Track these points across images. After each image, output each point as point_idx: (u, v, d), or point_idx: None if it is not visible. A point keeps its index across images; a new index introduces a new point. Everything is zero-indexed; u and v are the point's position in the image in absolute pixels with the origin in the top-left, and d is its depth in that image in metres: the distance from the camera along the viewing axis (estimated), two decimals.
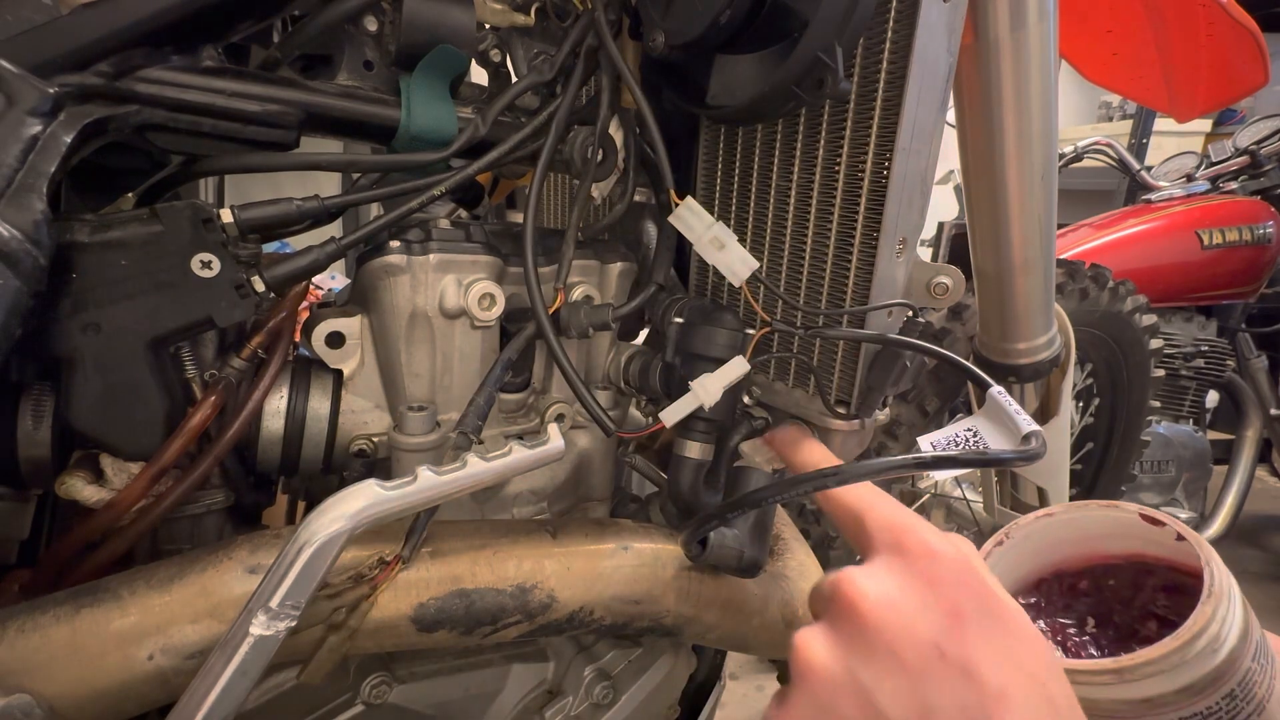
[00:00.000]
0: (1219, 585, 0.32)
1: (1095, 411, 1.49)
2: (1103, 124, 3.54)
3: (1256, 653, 0.32)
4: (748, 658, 1.68)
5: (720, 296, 0.64)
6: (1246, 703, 0.31)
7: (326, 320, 0.54)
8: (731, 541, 0.50)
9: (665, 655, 0.63)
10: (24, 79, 0.38)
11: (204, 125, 0.46)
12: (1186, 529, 0.36)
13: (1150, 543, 0.38)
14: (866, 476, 0.37)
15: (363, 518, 0.40)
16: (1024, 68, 0.57)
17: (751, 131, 0.57)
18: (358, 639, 0.45)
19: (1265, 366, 2.01)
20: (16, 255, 0.35)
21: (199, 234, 0.44)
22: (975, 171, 0.65)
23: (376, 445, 0.56)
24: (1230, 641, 0.31)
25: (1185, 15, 0.89)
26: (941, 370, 1.14)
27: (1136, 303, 1.37)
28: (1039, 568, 0.44)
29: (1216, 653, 0.30)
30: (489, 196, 0.83)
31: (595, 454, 0.65)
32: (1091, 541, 0.41)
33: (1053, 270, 0.73)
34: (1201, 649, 0.30)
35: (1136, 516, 0.37)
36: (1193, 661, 0.30)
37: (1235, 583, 0.33)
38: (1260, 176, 1.93)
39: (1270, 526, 2.48)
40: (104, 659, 0.40)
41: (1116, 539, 0.40)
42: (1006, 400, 0.42)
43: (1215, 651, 0.30)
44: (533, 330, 0.54)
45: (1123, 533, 0.39)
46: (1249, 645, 0.31)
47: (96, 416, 0.45)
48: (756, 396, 0.62)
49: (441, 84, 0.53)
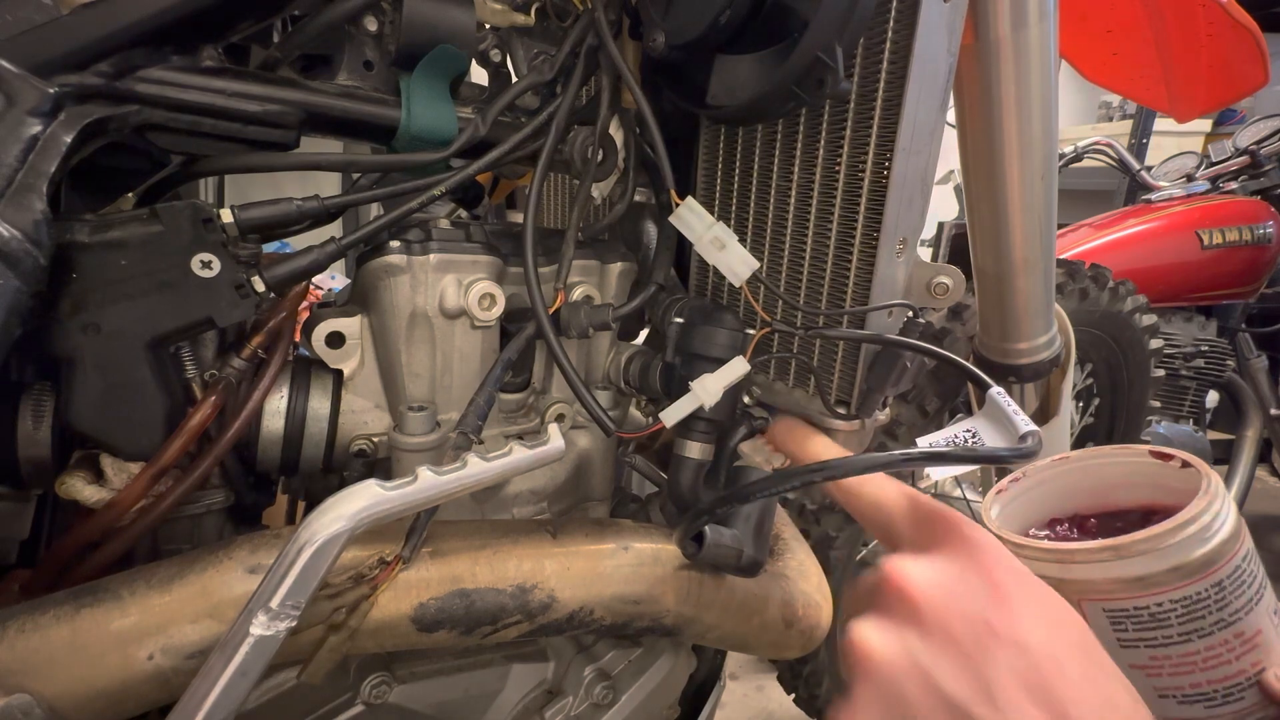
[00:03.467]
0: (1215, 488, 0.35)
1: (1095, 411, 1.48)
2: (1103, 124, 3.53)
3: (1248, 556, 0.35)
4: (748, 658, 1.68)
5: (720, 296, 0.64)
6: (1236, 596, 0.34)
7: (326, 320, 0.54)
8: (731, 541, 0.50)
9: (665, 655, 0.63)
10: (24, 79, 0.38)
11: (204, 125, 0.46)
12: (1191, 457, 0.38)
13: (1159, 489, 0.40)
14: (857, 471, 0.37)
15: (363, 518, 0.40)
16: (1024, 68, 0.57)
17: (751, 131, 0.57)
18: (358, 639, 0.45)
19: (1265, 366, 2.01)
20: (16, 255, 0.35)
21: (199, 234, 0.44)
22: (975, 171, 0.65)
23: (376, 445, 0.56)
24: (1221, 534, 0.33)
25: (1185, 15, 0.89)
26: (941, 371, 1.14)
27: (1136, 303, 1.37)
28: (1051, 512, 0.45)
29: (1207, 541, 0.33)
30: (489, 196, 0.84)
31: (595, 454, 0.65)
32: (1104, 491, 0.43)
33: (1053, 270, 0.73)
34: (1193, 534, 0.33)
35: (1146, 454, 0.40)
36: (1184, 543, 0.33)
37: (1234, 503, 0.35)
38: (1260, 176, 1.93)
39: (1270, 526, 2.48)
40: (104, 659, 0.40)
41: (1128, 488, 0.42)
42: (1005, 401, 0.42)
43: (1206, 540, 0.33)
44: (533, 330, 0.54)
45: (1134, 480, 0.41)
46: (1240, 544, 0.34)
47: (96, 416, 0.45)
48: (756, 396, 0.62)
49: (441, 84, 0.53)
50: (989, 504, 0.44)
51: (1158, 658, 0.36)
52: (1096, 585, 0.36)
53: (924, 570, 0.33)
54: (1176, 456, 0.39)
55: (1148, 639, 0.36)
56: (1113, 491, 0.42)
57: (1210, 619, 0.35)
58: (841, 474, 0.37)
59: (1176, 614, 0.35)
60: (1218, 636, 0.35)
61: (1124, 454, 0.41)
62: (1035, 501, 0.45)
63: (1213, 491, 0.35)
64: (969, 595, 0.31)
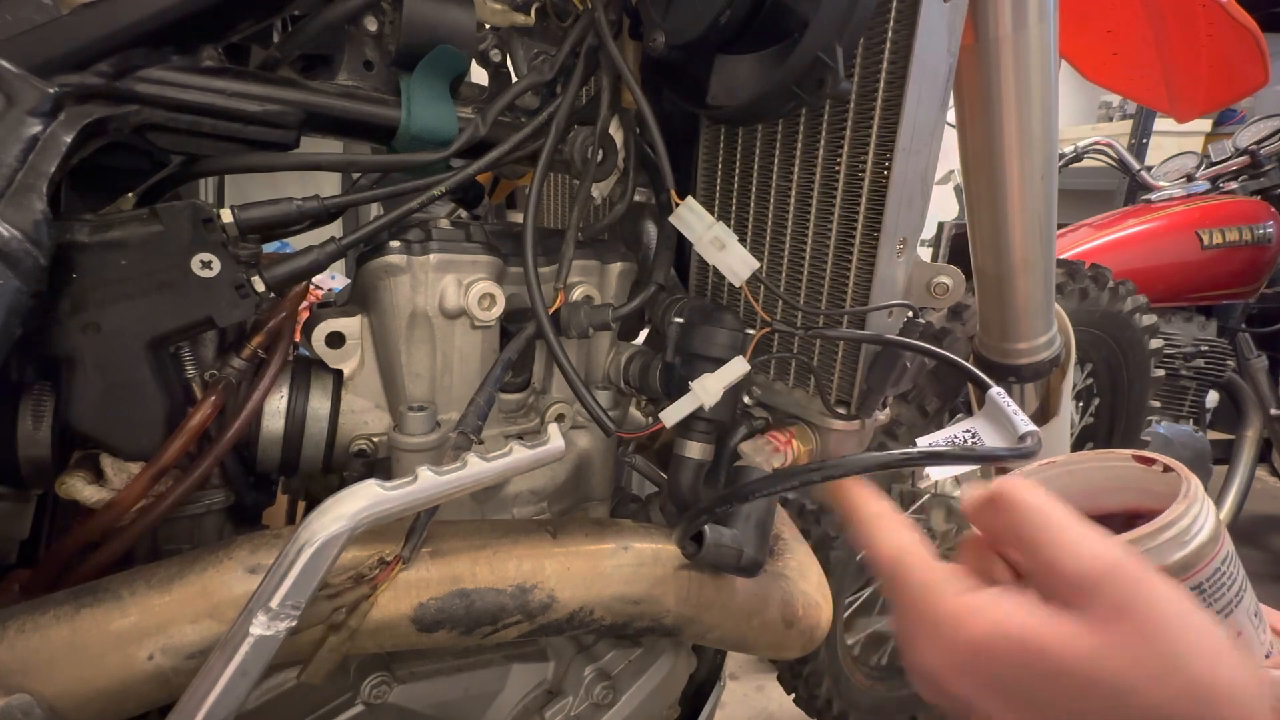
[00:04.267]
0: (1194, 491, 0.35)
1: (1095, 411, 1.48)
2: (1103, 124, 3.53)
3: (1228, 558, 0.35)
4: (748, 658, 1.68)
5: (720, 296, 0.64)
6: (1216, 599, 0.34)
7: (326, 320, 0.54)
8: (730, 541, 0.50)
9: (665, 655, 0.63)
10: (24, 79, 0.38)
11: (204, 125, 0.46)
12: (1172, 461, 0.38)
13: (1144, 493, 0.40)
14: (855, 471, 0.37)
15: (363, 518, 0.40)
16: (1024, 68, 0.57)
17: (751, 131, 0.57)
18: (358, 639, 0.45)
19: (1265, 366, 2.01)
20: (16, 255, 0.35)
21: (199, 234, 0.44)
22: (975, 172, 0.65)
23: (376, 445, 0.56)
24: (1199, 538, 0.33)
25: (1185, 15, 0.89)
26: (941, 371, 1.14)
27: (1136, 303, 1.37)
28: None
29: (1186, 545, 0.33)
30: (489, 196, 0.84)
31: (595, 454, 0.65)
32: (1090, 495, 0.43)
33: (1053, 270, 0.73)
34: (1171, 538, 0.33)
35: (1130, 459, 0.40)
36: (1163, 547, 0.33)
37: (1214, 506, 0.35)
38: (1260, 176, 1.93)
39: (1270, 526, 2.48)
40: (104, 659, 0.40)
41: (1114, 493, 0.42)
42: (1005, 401, 0.42)
43: (1184, 544, 0.33)
44: (533, 330, 0.54)
45: (1119, 485, 0.41)
46: (1219, 547, 0.34)
47: (96, 416, 0.45)
48: (756, 396, 0.62)
49: (441, 84, 0.53)
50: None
51: None
52: None
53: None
54: (1159, 461, 0.39)
55: None
56: (1099, 496, 0.42)
57: None
58: (841, 473, 0.37)
59: None
60: None
61: (1108, 459, 0.42)
62: None
63: (1191, 496, 0.35)
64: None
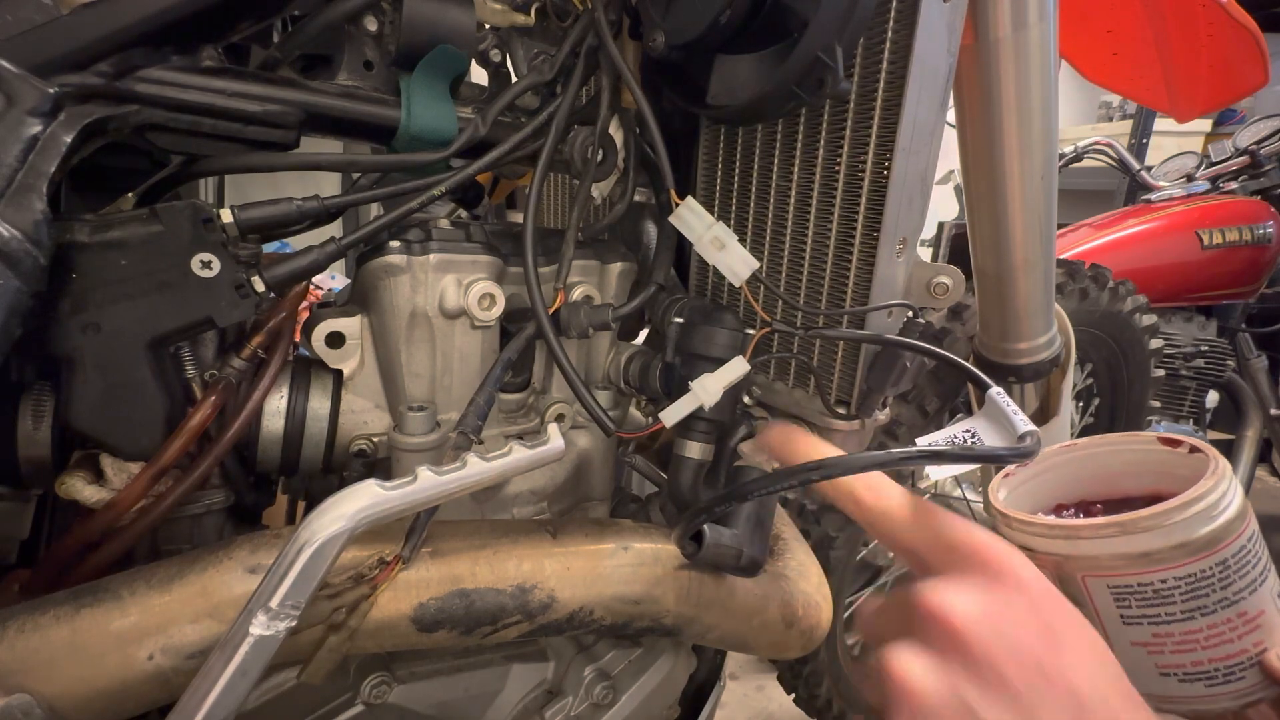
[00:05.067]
0: (1222, 469, 0.35)
1: (1095, 411, 1.49)
2: (1103, 124, 3.53)
3: (1254, 537, 0.35)
4: (748, 658, 1.68)
5: (720, 296, 0.64)
6: (1240, 576, 0.34)
7: (326, 320, 0.54)
8: (730, 541, 0.50)
9: (665, 655, 0.63)
10: (24, 79, 0.38)
11: (204, 125, 0.46)
12: (1199, 442, 0.38)
13: (1167, 476, 0.40)
14: (852, 471, 0.37)
15: (363, 518, 0.40)
16: (1024, 68, 0.57)
17: (751, 131, 0.57)
18: (358, 639, 0.45)
19: (1265, 366, 2.01)
20: (16, 255, 0.35)
21: (199, 234, 0.44)
22: (975, 171, 0.65)
23: (376, 445, 0.56)
24: (1227, 514, 0.34)
25: (1185, 15, 0.89)
26: (941, 371, 1.14)
27: (1136, 303, 1.37)
28: (1058, 498, 0.45)
29: (1213, 520, 0.34)
30: (489, 196, 0.84)
31: (595, 454, 0.65)
32: (1111, 478, 0.43)
33: (1053, 270, 0.73)
34: (1199, 512, 0.34)
35: (1155, 441, 0.40)
36: (1190, 521, 0.34)
37: (1240, 486, 0.36)
38: (1260, 176, 1.93)
39: (1270, 526, 2.48)
40: (104, 659, 0.40)
41: (1135, 476, 0.42)
42: (1005, 401, 0.42)
43: (1212, 519, 0.34)
44: (533, 330, 0.54)
45: (1142, 469, 0.41)
46: (1245, 525, 0.34)
47: (96, 416, 0.45)
48: (756, 396, 0.62)
49: (441, 84, 0.53)
50: (996, 487, 0.44)
51: (1160, 635, 0.36)
52: (1101, 561, 0.36)
53: (968, 602, 0.32)
54: (1185, 442, 0.39)
55: (1151, 615, 0.36)
56: (1120, 479, 0.42)
57: (1214, 597, 0.35)
58: (840, 472, 0.37)
59: (1180, 591, 0.35)
60: (1220, 615, 0.35)
61: (1132, 441, 0.42)
62: (1043, 487, 0.45)
63: (1220, 472, 0.35)
64: (1019, 634, 0.31)
